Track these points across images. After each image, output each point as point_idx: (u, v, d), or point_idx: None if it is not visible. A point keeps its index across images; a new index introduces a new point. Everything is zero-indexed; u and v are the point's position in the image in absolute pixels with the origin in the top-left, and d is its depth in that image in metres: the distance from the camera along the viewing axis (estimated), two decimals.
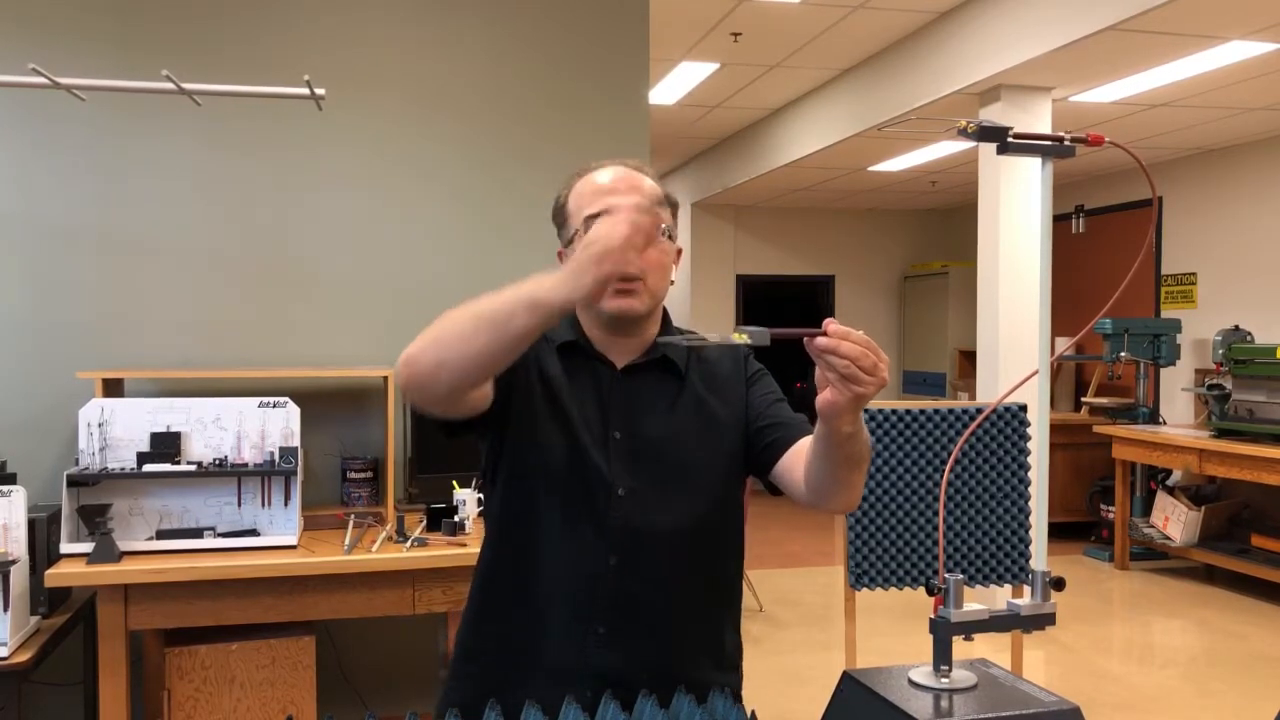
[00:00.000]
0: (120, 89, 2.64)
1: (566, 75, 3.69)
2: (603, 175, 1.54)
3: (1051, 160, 1.38)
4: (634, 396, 1.54)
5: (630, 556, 1.49)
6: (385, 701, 3.48)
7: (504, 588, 1.54)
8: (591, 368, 1.55)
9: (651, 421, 1.53)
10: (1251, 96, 5.77)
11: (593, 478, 1.49)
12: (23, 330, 3.24)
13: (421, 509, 3.15)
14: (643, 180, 1.54)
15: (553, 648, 1.49)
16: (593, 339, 1.56)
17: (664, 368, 1.57)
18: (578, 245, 1.46)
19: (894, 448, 2.96)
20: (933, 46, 5.62)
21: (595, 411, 1.52)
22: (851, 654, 3.04)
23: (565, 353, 1.55)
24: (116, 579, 2.66)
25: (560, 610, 1.49)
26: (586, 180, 1.55)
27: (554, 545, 1.49)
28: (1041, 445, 1.36)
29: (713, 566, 1.59)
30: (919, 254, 10.61)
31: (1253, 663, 4.71)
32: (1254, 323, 6.64)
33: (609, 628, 1.49)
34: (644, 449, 1.51)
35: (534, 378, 1.53)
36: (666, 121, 7.59)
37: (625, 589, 1.49)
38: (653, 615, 1.51)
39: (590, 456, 1.49)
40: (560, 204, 1.58)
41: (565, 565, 1.49)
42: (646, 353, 1.56)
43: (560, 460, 1.49)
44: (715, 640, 1.61)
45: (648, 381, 1.56)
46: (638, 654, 1.48)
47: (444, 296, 3.96)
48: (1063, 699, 1.15)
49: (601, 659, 1.47)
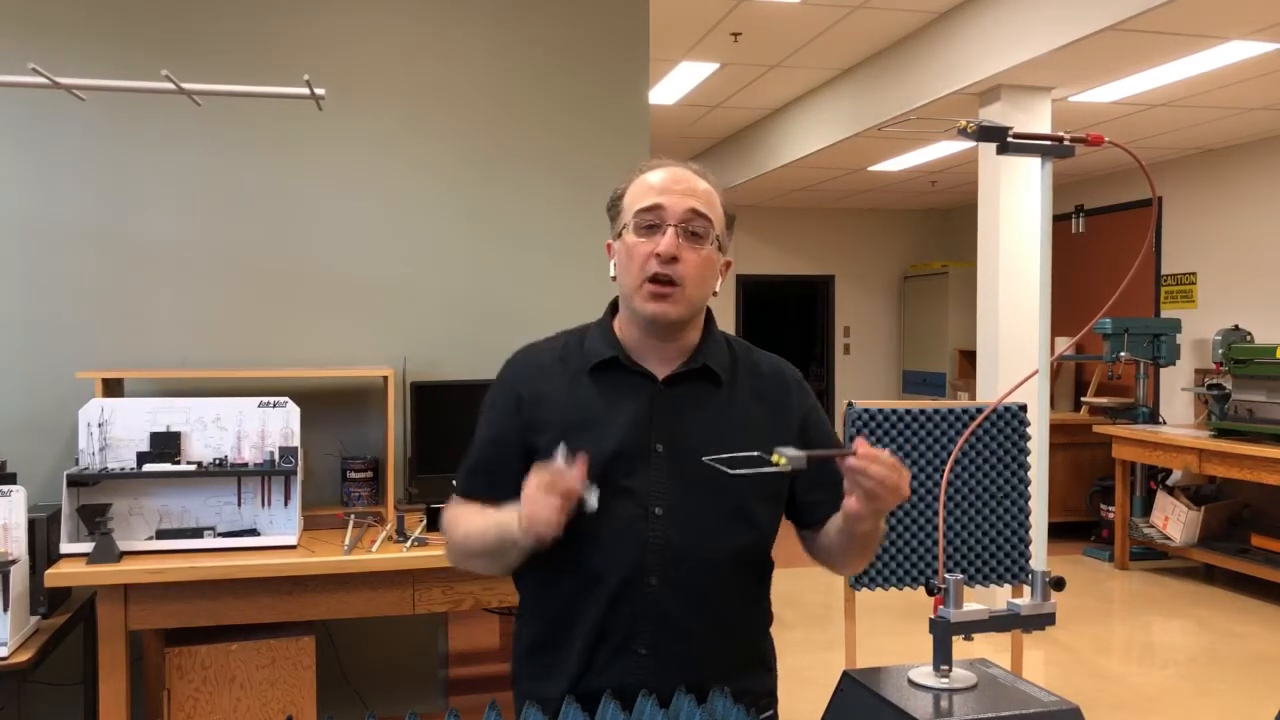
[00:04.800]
0: (120, 89, 2.64)
1: (567, 75, 3.69)
2: (658, 174, 1.52)
3: (1051, 160, 1.38)
4: (677, 407, 1.51)
5: (669, 576, 1.46)
6: (385, 701, 3.48)
7: (545, 613, 1.54)
8: (631, 382, 1.52)
9: (695, 432, 1.50)
10: (1251, 96, 5.77)
11: (629, 499, 1.46)
12: (23, 330, 3.24)
13: (421, 509, 3.15)
14: (696, 181, 1.51)
15: (595, 669, 1.48)
16: (631, 348, 1.53)
17: (706, 377, 1.54)
18: (626, 238, 1.50)
19: (894, 448, 2.96)
20: (933, 46, 5.62)
21: (636, 425, 1.49)
22: (851, 654, 3.04)
23: (601, 370, 1.53)
24: (116, 579, 2.66)
25: (600, 631, 1.47)
26: (643, 178, 1.53)
27: (591, 566, 1.47)
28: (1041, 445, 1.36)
29: (751, 581, 1.57)
30: (919, 254, 10.61)
31: (1252, 662, 4.71)
32: (1254, 323, 6.64)
33: (649, 649, 1.47)
34: (687, 461, 1.47)
35: (541, 417, 1.51)
36: (666, 121, 7.59)
37: (665, 608, 1.46)
38: (693, 635, 1.48)
39: (627, 475, 1.47)
40: (617, 196, 1.56)
41: (604, 585, 1.47)
42: (687, 361, 1.53)
43: (593, 479, 1.44)
44: (754, 652, 1.60)
45: (691, 391, 1.53)
46: (678, 674, 1.44)
47: (444, 296, 3.97)
48: (1062, 699, 1.15)
49: (639, 681, 1.42)
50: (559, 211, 3.66)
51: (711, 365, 1.53)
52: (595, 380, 1.52)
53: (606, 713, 1.30)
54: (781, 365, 1.64)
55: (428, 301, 3.56)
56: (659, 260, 1.45)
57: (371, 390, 3.47)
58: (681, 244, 1.46)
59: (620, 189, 1.56)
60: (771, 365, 1.62)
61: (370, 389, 3.47)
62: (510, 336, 3.59)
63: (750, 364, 1.59)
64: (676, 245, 1.45)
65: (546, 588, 1.53)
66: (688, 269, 1.46)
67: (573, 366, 1.54)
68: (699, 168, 1.55)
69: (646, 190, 1.50)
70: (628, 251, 1.49)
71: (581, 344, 1.57)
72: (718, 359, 1.55)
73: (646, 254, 1.46)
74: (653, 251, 1.46)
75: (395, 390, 3.23)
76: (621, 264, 1.51)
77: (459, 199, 3.60)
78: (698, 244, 1.47)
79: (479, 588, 2.90)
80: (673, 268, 1.45)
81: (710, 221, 1.49)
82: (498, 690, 3.63)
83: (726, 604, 1.52)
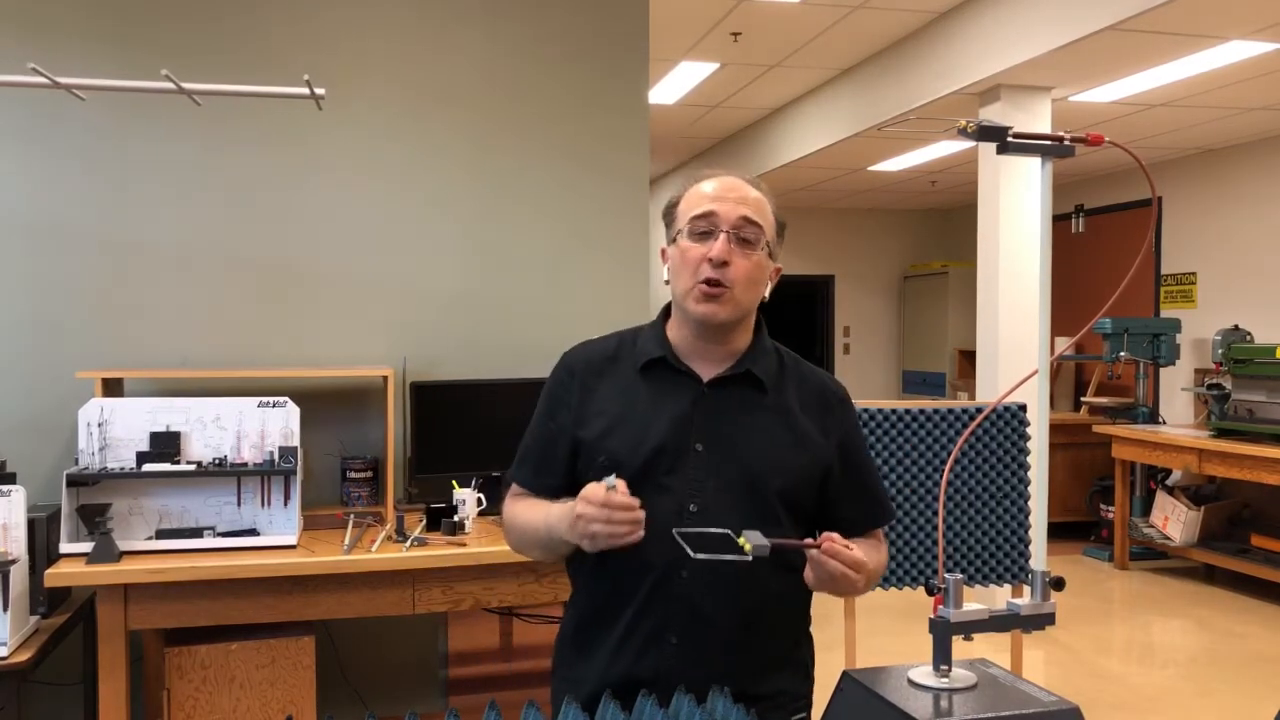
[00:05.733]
0: (120, 89, 2.64)
1: (567, 75, 3.69)
2: (709, 184, 1.58)
3: (1051, 160, 1.38)
4: (719, 409, 1.56)
5: (702, 570, 1.48)
6: (385, 701, 3.48)
7: (587, 603, 1.61)
8: (678, 381, 1.58)
9: (735, 434, 1.55)
10: (1251, 96, 5.77)
11: (667, 495, 1.51)
12: (23, 330, 3.24)
13: (421, 509, 3.15)
14: (748, 190, 1.57)
15: (629, 656, 1.53)
16: (680, 350, 1.60)
17: (751, 382, 1.59)
18: (680, 242, 1.56)
19: (894, 448, 2.96)
20: (933, 46, 5.62)
21: (678, 424, 1.55)
22: (851, 654, 3.04)
23: (651, 369, 1.59)
24: (116, 579, 2.66)
25: (636, 619, 1.53)
26: (697, 186, 1.59)
27: (633, 558, 1.50)
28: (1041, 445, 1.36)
29: (785, 583, 1.58)
30: (919, 254, 10.61)
31: (1252, 662, 4.71)
32: (1254, 323, 6.64)
33: (680, 636, 1.51)
34: (725, 461, 1.53)
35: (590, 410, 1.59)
36: (666, 121, 7.59)
37: (696, 601, 1.51)
38: (722, 629, 1.52)
39: (667, 472, 1.52)
40: (673, 203, 1.62)
41: (643, 577, 1.52)
42: (733, 365, 1.58)
43: (634, 473, 1.51)
44: (788, 653, 1.62)
45: (735, 394, 1.58)
46: (709, 667, 1.49)
47: (444, 296, 3.97)
48: (1062, 699, 1.15)
49: (670, 669, 1.49)
50: (559, 211, 3.66)
51: (756, 371, 1.59)
52: (644, 378, 1.59)
53: (607, 712, 1.30)
54: (828, 381, 1.68)
55: (428, 301, 3.55)
56: (711, 264, 1.51)
57: (371, 390, 3.47)
58: (733, 249, 1.52)
59: (675, 197, 1.63)
60: (818, 379, 1.67)
61: (370, 389, 3.47)
62: (510, 336, 3.64)
63: (798, 375, 1.65)
64: (728, 250, 1.52)
65: (595, 578, 1.59)
66: (738, 273, 1.52)
67: (624, 364, 1.61)
68: (752, 178, 1.61)
69: (701, 198, 1.56)
70: (682, 255, 1.56)
71: (635, 343, 1.65)
72: (764, 366, 1.60)
73: (700, 258, 1.53)
74: (705, 255, 1.52)
75: (395, 390, 3.23)
76: (675, 268, 1.58)
77: (459, 199, 3.60)
78: (749, 250, 1.54)
79: (479, 588, 2.90)
80: (723, 271, 1.51)
81: (761, 229, 1.55)
82: (498, 690, 3.63)
83: (757, 602, 1.55)
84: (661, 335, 1.62)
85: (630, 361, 1.61)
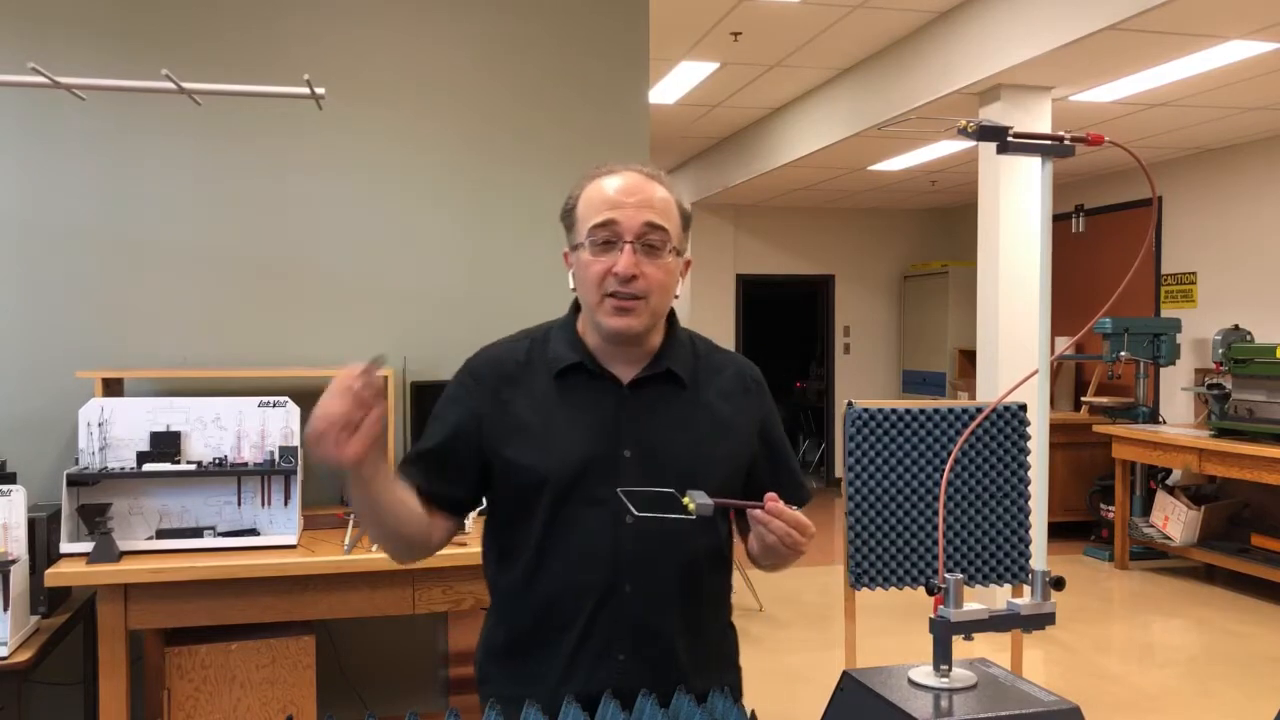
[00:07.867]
0: (120, 88, 2.64)
1: (566, 75, 3.69)
2: (611, 183, 1.47)
3: (1051, 160, 1.38)
4: (644, 411, 1.50)
5: (642, 581, 1.47)
6: (385, 701, 3.48)
7: (521, 620, 1.53)
8: (597, 385, 1.50)
9: (663, 435, 1.49)
10: (1251, 96, 5.77)
11: (601, 508, 1.45)
12: (23, 330, 3.24)
13: None
14: (654, 189, 1.47)
15: (576, 675, 1.46)
16: (596, 353, 1.51)
17: (670, 379, 1.52)
18: (583, 257, 1.46)
19: (894, 447, 2.96)
20: (933, 46, 5.62)
21: (603, 431, 1.48)
22: (851, 654, 3.04)
23: (566, 376, 1.50)
24: (116, 579, 2.66)
25: (581, 639, 1.47)
26: (595, 186, 1.49)
27: (570, 575, 1.47)
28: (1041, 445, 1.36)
29: (716, 581, 1.58)
30: (919, 254, 10.61)
31: (1252, 662, 4.71)
32: (1254, 322, 6.64)
33: (629, 653, 1.47)
34: (655, 465, 1.46)
35: (508, 425, 1.49)
36: (666, 121, 7.59)
37: (641, 617, 1.47)
38: (668, 638, 1.49)
39: (598, 484, 1.45)
40: (570, 206, 1.52)
41: (584, 595, 1.46)
42: (651, 365, 1.51)
43: (563, 489, 1.46)
44: (722, 648, 1.62)
45: (656, 394, 1.51)
46: (654, 676, 1.45)
47: (444, 295, 3.97)
48: (1062, 699, 1.15)
49: (623, 684, 1.41)
50: (559, 211, 3.65)
51: (675, 369, 1.52)
52: (560, 385, 1.50)
53: (607, 712, 1.30)
54: (743, 365, 1.63)
55: (428, 301, 3.55)
56: (618, 279, 1.42)
57: None
58: (640, 259, 1.43)
59: (573, 197, 1.51)
60: (734, 365, 1.61)
61: None
62: None
63: (712, 364, 1.58)
64: (634, 262, 1.42)
65: (524, 595, 1.52)
66: (650, 283, 1.44)
67: (537, 370, 1.52)
68: (652, 169, 1.51)
69: (600, 203, 1.46)
70: (584, 269, 1.46)
71: (545, 346, 1.54)
72: (681, 361, 1.53)
73: (603, 272, 1.43)
74: (610, 269, 1.43)
75: (395, 390, 3.23)
76: (579, 279, 1.48)
77: (459, 199, 3.60)
78: (656, 255, 1.44)
79: (479, 588, 2.89)
80: (633, 285, 1.43)
81: (667, 231, 1.45)
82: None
83: (697, 605, 1.53)
84: (574, 336, 1.52)
85: (544, 366, 1.51)
